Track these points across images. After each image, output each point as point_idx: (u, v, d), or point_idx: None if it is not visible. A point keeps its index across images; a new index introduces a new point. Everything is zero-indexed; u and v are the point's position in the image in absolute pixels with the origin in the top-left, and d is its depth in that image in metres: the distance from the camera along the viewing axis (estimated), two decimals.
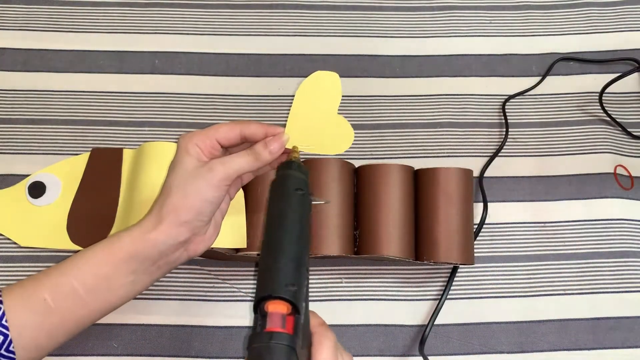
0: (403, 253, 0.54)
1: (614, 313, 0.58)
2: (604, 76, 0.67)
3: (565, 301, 0.59)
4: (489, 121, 0.66)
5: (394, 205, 0.55)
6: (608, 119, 0.66)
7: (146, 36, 0.68)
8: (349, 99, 0.66)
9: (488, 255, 0.60)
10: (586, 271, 0.60)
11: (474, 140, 0.65)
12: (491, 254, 0.60)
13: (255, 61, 0.68)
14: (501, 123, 0.66)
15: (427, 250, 0.55)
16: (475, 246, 0.58)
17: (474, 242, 0.58)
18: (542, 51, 0.70)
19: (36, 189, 0.60)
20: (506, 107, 0.66)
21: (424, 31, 0.70)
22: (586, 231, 0.61)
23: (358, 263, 0.59)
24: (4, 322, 0.41)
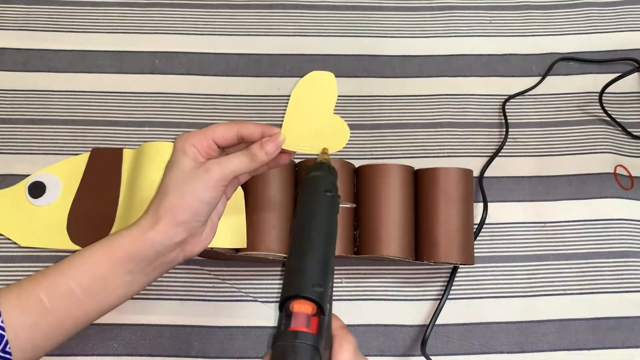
0: (403, 253, 0.54)
1: (614, 313, 0.58)
2: (604, 76, 0.67)
3: (565, 301, 0.59)
4: (489, 121, 0.66)
5: (394, 205, 0.55)
6: (608, 119, 0.66)
7: (146, 36, 0.68)
8: (349, 99, 0.66)
9: (488, 255, 0.60)
10: (586, 271, 0.60)
11: (474, 140, 0.65)
12: (491, 254, 0.60)
13: (255, 61, 0.68)
14: (501, 123, 0.66)
15: (427, 250, 0.55)
16: (475, 246, 0.58)
17: (474, 242, 0.58)
18: (542, 51, 0.70)
19: (36, 189, 0.60)
20: (506, 107, 0.66)
21: (424, 31, 0.70)
22: (586, 231, 0.61)
23: (358, 263, 0.59)
24: (0, 323, 0.41)
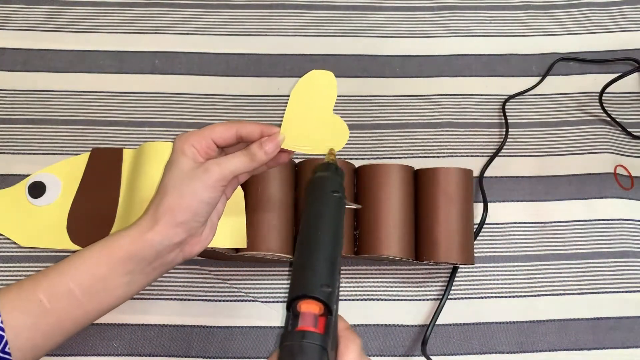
0: (403, 253, 0.54)
1: (614, 313, 0.58)
2: (604, 76, 0.67)
3: (565, 301, 0.59)
4: (489, 121, 0.66)
5: (394, 205, 0.55)
6: (608, 119, 0.66)
7: (146, 36, 0.68)
8: (349, 99, 0.66)
9: (488, 255, 0.60)
10: (586, 271, 0.60)
11: (474, 140, 0.65)
12: (491, 254, 0.60)
13: (255, 61, 0.68)
14: (501, 123, 0.66)
15: (427, 250, 0.55)
16: (475, 246, 0.58)
17: (474, 242, 0.58)
18: (542, 51, 0.70)
19: (36, 189, 0.60)
20: (506, 107, 0.66)
21: (424, 31, 0.70)
22: (586, 231, 0.61)
23: (358, 263, 0.59)
24: (0, 324, 0.41)
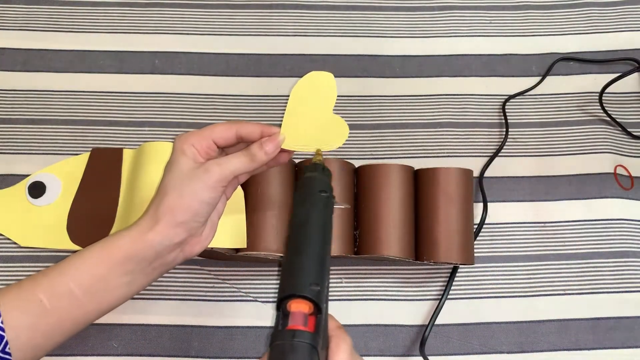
0: (403, 253, 0.54)
1: (614, 313, 0.58)
2: (604, 76, 0.67)
3: (565, 301, 0.59)
4: (489, 121, 0.66)
5: (394, 205, 0.55)
6: (608, 119, 0.66)
7: (146, 36, 0.68)
8: (349, 99, 0.66)
9: (488, 255, 0.60)
10: (586, 271, 0.60)
11: (474, 140, 0.65)
12: (491, 254, 0.60)
13: (255, 61, 0.68)
14: (501, 123, 0.66)
15: (427, 250, 0.55)
16: (475, 246, 0.58)
17: (474, 242, 0.58)
18: (542, 51, 0.70)
19: (36, 189, 0.60)
20: (506, 107, 0.66)
21: (424, 31, 0.70)
22: (586, 231, 0.61)
23: (358, 263, 0.59)
24: (0, 324, 0.41)
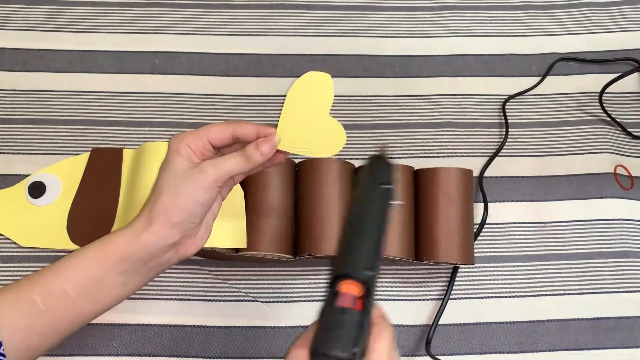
0: (403, 253, 0.54)
1: (614, 313, 0.59)
2: (604, 76, 0.67)
3: (565, 301, 0.59)
4: (489, 121, 0.66)
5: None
6: (608, 119, 0.66)
7: (146, 36, 0.68)
8: (349, 99, 0.66)
9: (488, 255, 0.60)
10: (586, 271, 0.60)
11: (474, 140, 0.65)
12: (491, 254, 0.60)
13: (255, 61, 0.68)
14: (501, 123, 0.66)
15: (427, 250, 0.55)
16: (475, 246, 0.58)
17: (474, 242, 0.58)
18: (542, 51, 0.70)
19: (36, 189, 0.60)
20: (506, 107, 0.66)
21: (424, 31, 0.70)
22: (586, 231, 0.61)
23: None
24: None
